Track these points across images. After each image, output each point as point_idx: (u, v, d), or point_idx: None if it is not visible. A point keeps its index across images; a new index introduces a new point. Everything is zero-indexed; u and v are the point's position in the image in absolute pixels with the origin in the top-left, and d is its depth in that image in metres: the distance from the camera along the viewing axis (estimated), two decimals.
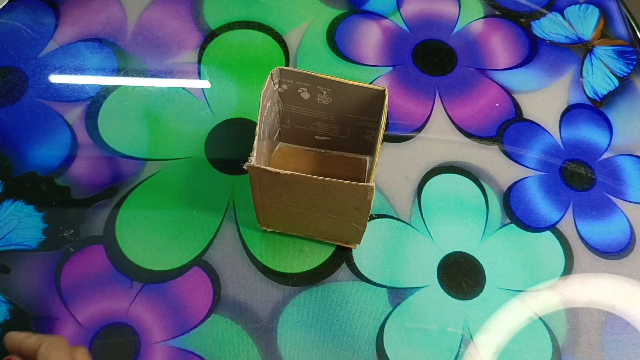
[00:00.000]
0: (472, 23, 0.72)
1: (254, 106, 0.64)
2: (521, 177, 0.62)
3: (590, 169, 0.63)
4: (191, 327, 0.52)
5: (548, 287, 0.57)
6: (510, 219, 0.60)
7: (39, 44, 0.67)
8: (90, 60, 0.66)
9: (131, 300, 0.53)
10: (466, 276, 0.57)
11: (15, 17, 0.68)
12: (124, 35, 0.68)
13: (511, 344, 0.54)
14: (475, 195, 0.61)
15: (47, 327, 0.52)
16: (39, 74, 0.65)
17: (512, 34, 0.72)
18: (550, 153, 0.64)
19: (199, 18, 0.70)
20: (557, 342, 0.54)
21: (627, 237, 0.60)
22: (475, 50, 0.70)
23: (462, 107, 0.66)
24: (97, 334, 0.52)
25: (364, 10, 0.72)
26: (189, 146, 0.61)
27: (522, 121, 0.66)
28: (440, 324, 0.54)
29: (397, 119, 0.65)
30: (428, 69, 0.69)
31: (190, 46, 0.68)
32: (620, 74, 0.70)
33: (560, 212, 0.61)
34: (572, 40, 0.72)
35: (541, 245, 0.59)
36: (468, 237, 0.58)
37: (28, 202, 0.57)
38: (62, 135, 0.61)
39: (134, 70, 0.66)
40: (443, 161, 0.63)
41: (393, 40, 0.70)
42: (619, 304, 0.56)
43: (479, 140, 0.64)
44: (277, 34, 0.69)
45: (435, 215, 0.59)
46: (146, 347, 0.51)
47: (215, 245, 0.56)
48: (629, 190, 0.62)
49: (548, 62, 0.70)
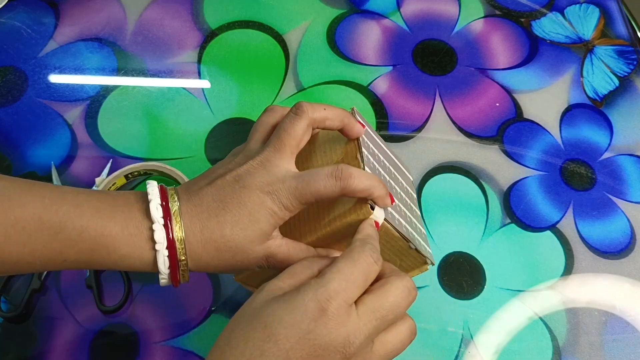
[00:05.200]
0: (473, 23, 0.72)
1: (254, 106, 0.64)
2: (521, 177, 0.62)
3: (591, 169, 0.63)
4: (191, 327, 0.52)
5: (548, 287, 0.56)
6: (511, 219, 0.60)
7: (38, 44, 0.67)
8: (90, 60, 0.66)
9: (131, 300, 0.53)
10: (466, 276, 0.56)
11: (15, 17, 0.68)
12: (124, 35, 0.68)
13: (511, 344, 0.54)
14: (475, 195, 0.61)
15: (47, 327, 0.52)
16: (38, 73, 0.65)
17: (513, 33, 0.72)
18: (551, 153, 0.64)
19: (199, 18, 0.70)
20: (557, 342, 0.54)
21: (627, 237, 0.60)
22: (476, 49, 0.70)
23: (462, 107, 0.66)
24: (96, 334, 0.52)
25: (364, 10, 0.72)
26: (189, 146, 0.61)
27: (523, 121, 0.66)
28: (440, 324, 0.54)
29: (397, 119, 0.65)
30: (428, 69, 0.68)
31: (190, 46, 0.68)
32: (621, 73, 0.70)
33: (561, 212, 0.61)
34: (573, 40, 0.72)
35: (541, 245, 0.58)
36: (468, 237, 0.58)
37: None
38: (61, 135, 0.61)
39: (133, 70, 0.66)
40: (443, 161, 0.63)
41: (393, 40, 0.70)
42: (620, 304, 0.56)
43: (479, 140, 0.64)
44: (277, 33, 0.69)
45: (435, 215, 0.59)
46: (146, 347, 0.51)
47: None
48: (629, 190, 0.62)
49: (548, 62, 0.70)
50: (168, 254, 0.37)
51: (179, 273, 0.38)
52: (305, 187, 0.36)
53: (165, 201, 0.37)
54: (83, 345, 0.51)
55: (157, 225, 0.36)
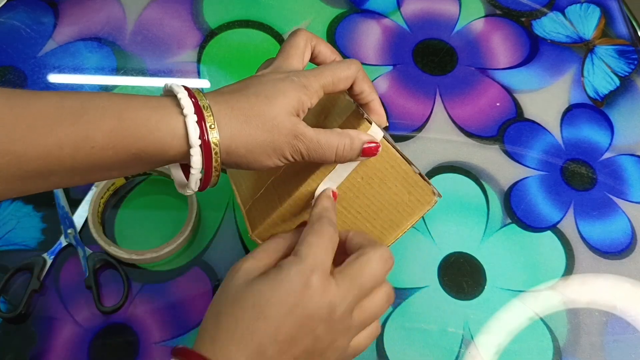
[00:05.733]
0: (473, 22, 0.72)
1: None
2: (522, 177, 0.62)
3: (592, 169, 0.63)
4: (191, 327, 0.52)
5: (549, 288, 0.56)
6: (511, 219, 0.60)
7: (38, 43, 0.66)
8: (90, 60, 0.66)
9: (131, 300, 0.53)
10: (467, 276, 0.56)
11: (14, 16, 0.68)
12: (124, 34, 0.68)
13: (512, 344, 0.53)
14: (475, 195, 0.61)
15: (47, 327, 0.51)
16: (38, 73, 0.65)
17: (513, 33, 0.72)
18: (551, 153, 0.64)
19: (199, 17, 0.70)
20: (558, 342, 0.54)
21: (628, 237, 0.60)
22: (476, 49, 0.70)
23: (462, 107, 0.66)
24: (96, 334, 0.52)
25: (364, 10, 0.72)
26: None
27: (523, 121, 0.66)
28: (440, 324, 0.54)
29: (397, 119, 0.65)
30: (428, 69, 0.68)
31: (189, 45, 0.68)
32: (622, 73, 0.70)
33: (561, 212, 0.60)
34: (573, 40, 0.72)
35: (542, 245, 0.58)
36: (469, 237, 0.58)
37: (27, 202, 0.57)
38: None
39: (133, 70, 0.66)
40: (443, 161, 0.62)
41: (393, 40, 0.70)
42: (620, 304, 0.56)
43: (480, 139, 0.64)
44: (277, 33, 0.69)
45: (435, 215, 0.59)
46: (145, 347, 0.51)
47: (215, 245, 0.56)
48: (630, 190, 0.62)
49: (549, 62, 0.70)
50: (197, 119, 0.35)
51: (211, 146, 0.36)
52: (322, 69, 0.40)
53: (189, 90, 0.37)
54: (82, 345, 0.51)
55: (182, 94, 0.36)
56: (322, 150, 0.38)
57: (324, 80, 0.39)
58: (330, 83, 0.40)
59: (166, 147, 0.36)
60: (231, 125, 0.36)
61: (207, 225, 0.57)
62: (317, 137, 0.38)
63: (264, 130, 0.37)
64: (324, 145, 0.38)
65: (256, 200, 0.46)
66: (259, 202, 0.46)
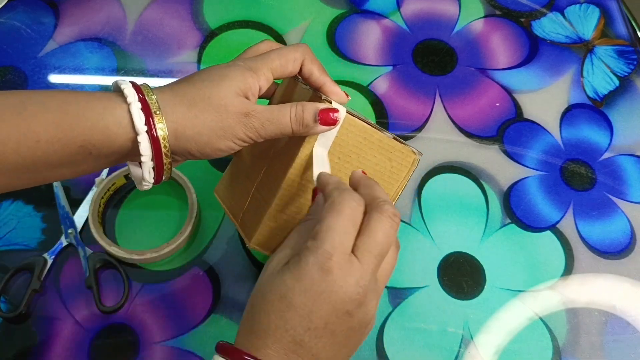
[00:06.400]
0: (473, 23, 0.72)
1: None
2: (521, 177, 0.62)
3: (591, 169, 0.63)
4: (191, 327, 0.52)
5: (548, 287, 0.56)
6: (511, 219, 0.60)
7: (38, 44, 0.67)
8: (90, 60, 0.66)
9: (131, 300, 0.53)
10: (466, 276, 0.56)
11: (15, 17, 0.68)
12: (124, 34, 0.68)
13: (511, 344, 0.54)
14: (475, 195, 0.61)
15: (47, 327, 0.52)
16: (38, 73, 0.65)
17: (513, 33, 0.72)
18: (551, 153, 0.64)
19: (199, 17, 0.70)
20: (557, 342, 0.54)
21: (627, 237, 0.60)
22: (476, 49, 0.70)
23: (462, 107, 0.66)
24: (96, 334, 0.52)
25: (364, 10, 0.72)
26: None
27: (523, 121, 0.66)
28: (440, 324, 0.54)
29: (397, 119, 0.65)
30: (428, 69, 0.68)
31: (189, 46, 0.68)
32: (621, 73, 0.70)
33: (561, 212, 0.60)
34: (573, 40, 0.72)
35: (541, 245, 0.58)
36: (468, 237, 0.58)
37: (27, 202, 0.57)
38: None
39: (133, 70, 0.66)
40: (443, 161, 0.63)
41: (393, 40, 0.70)
42: (620, 304, 0.56)
43: (479, 140, 0.64)
44: (277, 33, 0.69)
45: (435, 215, 0.59)
46: (146, 347, 0.51)
47: (214, 245, 0.56)
48: (629, 190, 0.62)
49: (548, 62, 0.70)
50: (141, 106, 0.36)
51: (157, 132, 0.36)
52: (269, 53, 0.41)
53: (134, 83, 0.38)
54: (83, 345, 0.51)
55: (125, 85, 0.37)
56: (276, 119, 0.39)
57: (271, 63, 0.40)
58: (278, 65, 0.40)
59: (112, 137, 0.36)
60: (176, 110, 0.37)
61: (207, 225, 0.57)
62: (269, 108, 0.39)
63: (211, 112, 0.37)
64: (277, 114, 0.39)
65: (246, 211, 0.46)
66: (249, 211, 0.46)
